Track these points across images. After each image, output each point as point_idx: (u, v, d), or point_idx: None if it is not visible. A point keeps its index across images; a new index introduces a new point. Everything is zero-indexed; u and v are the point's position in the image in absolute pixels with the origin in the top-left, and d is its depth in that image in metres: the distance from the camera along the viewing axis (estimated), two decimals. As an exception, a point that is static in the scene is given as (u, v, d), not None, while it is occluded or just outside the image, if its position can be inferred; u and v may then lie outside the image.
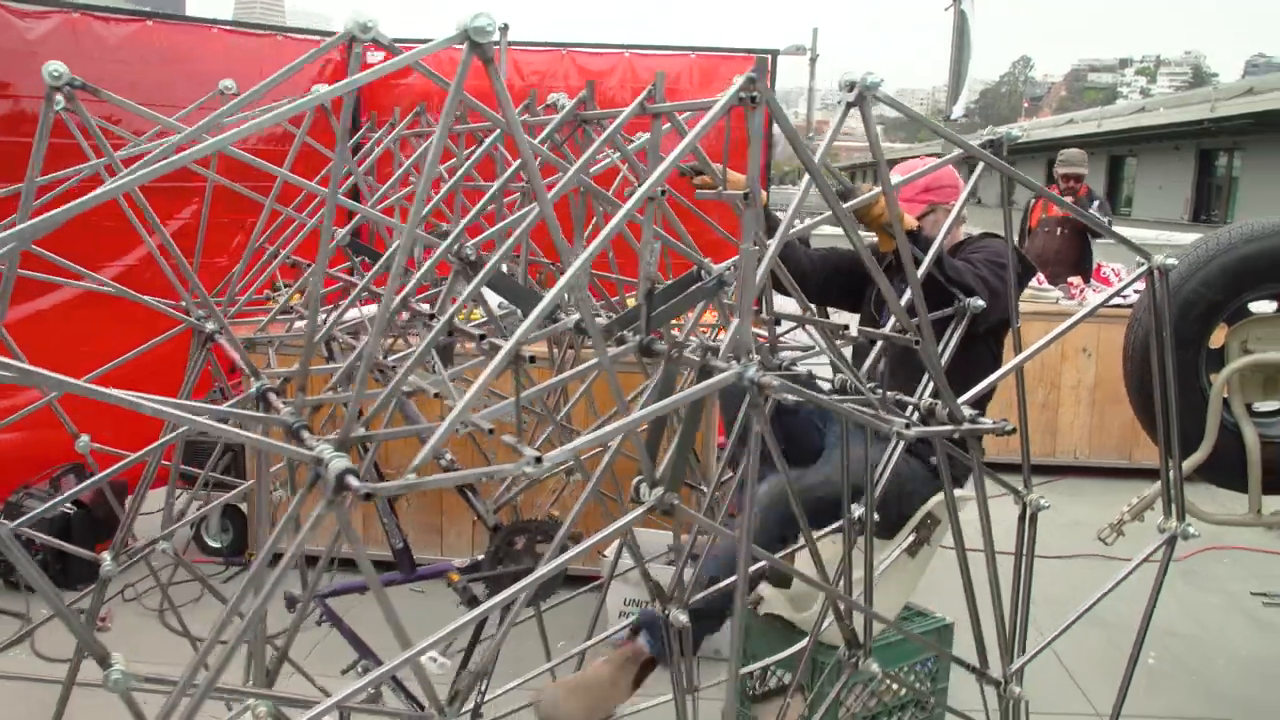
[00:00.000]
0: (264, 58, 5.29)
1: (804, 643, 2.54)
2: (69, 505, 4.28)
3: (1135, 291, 5.73)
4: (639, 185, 2.17)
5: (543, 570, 1.66)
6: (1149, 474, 3.57)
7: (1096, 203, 7.48)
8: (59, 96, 2.03)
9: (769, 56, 5.49)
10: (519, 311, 2.24)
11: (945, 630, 3.21)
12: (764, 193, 2.79)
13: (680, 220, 2.23)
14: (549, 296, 1.53)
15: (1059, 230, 7.26)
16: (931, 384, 2.06)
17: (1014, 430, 2.05)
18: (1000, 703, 2.22)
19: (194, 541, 4.78)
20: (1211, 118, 27.25)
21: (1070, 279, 6.67)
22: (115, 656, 1.60)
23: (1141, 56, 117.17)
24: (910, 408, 2.05)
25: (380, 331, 1.55)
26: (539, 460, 1.44)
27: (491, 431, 1.56)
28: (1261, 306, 3.43)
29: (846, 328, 2.27)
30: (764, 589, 3.04)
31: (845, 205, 2.08)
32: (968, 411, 2.00)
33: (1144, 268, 2.28)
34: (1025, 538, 2.27)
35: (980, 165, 2.16)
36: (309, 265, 3.07)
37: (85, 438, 3.30)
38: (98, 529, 4.39)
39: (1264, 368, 3.31)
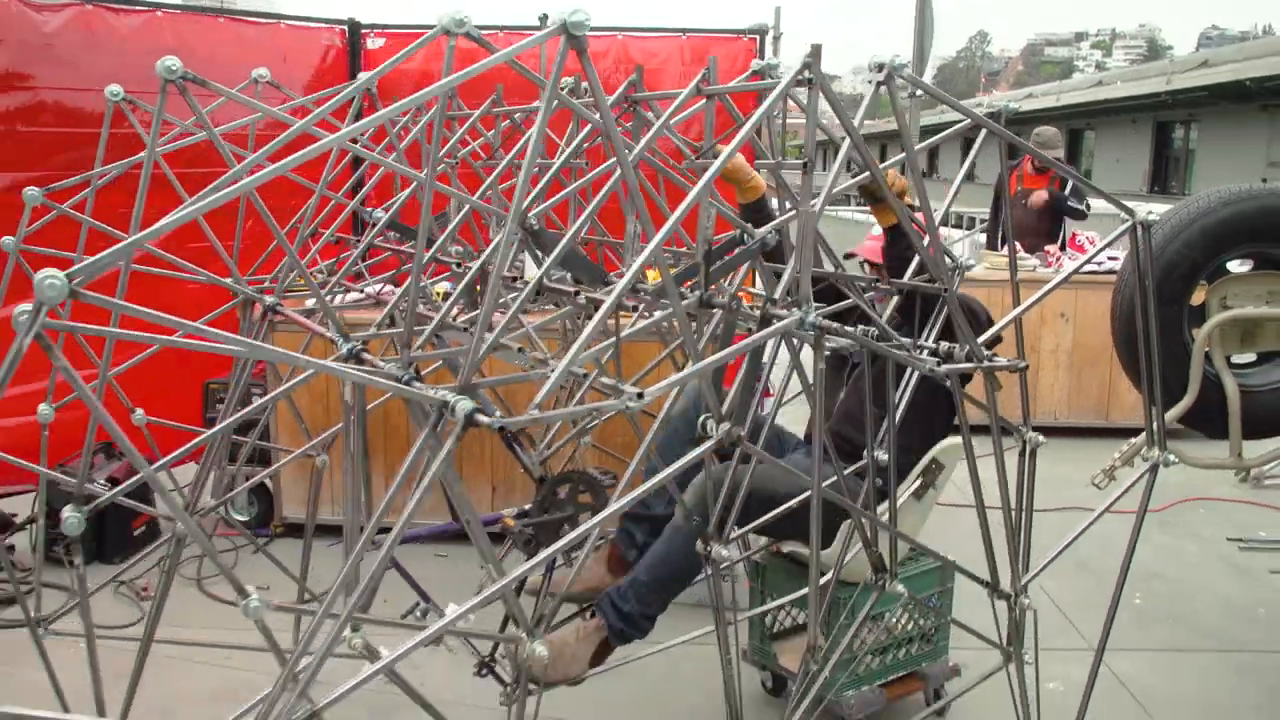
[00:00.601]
0: (264, 46, 5.42)
1: (829, 576, 2.77)
2: (104, 482, 4.42)
3: (1111, 258, 6.02)
4: (695, 159, 2.39)
5: (619, 503, 1.88)
6: (1126, 432, 3.84)
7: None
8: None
9: (758, 36, 5.69)
10: (568, 275, 2.43)
11: (935, 573, 3.43)
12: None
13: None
14: (644, 253, 1.74)
15: (1027, 203, 7.51)
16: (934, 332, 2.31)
17: (1027, 366, 2.29)
18: (1009, 615, 2.48)
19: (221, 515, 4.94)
20: (1168, 90, 27.70)
21: (1046, 248, 6.94)
22: (249, 589, 1.81)
23: (1097, 30, 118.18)
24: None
25: (494, 295, 1.75)
26: (640, 396, 1.66)
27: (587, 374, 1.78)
28: (1238, 266, 3.68)
29: (877, 281, 2.49)
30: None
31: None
32: (984, 351, 2.25)
33: (1128, 224, 2.53)
34: (1026, 470, 2.53)
35: (980, 138, 2.40)
36: (353, 240, 3.25)
37: (140, 411, 3.47)
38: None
39: (1241, 322, 3.57)
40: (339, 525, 3.61)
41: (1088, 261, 2.69)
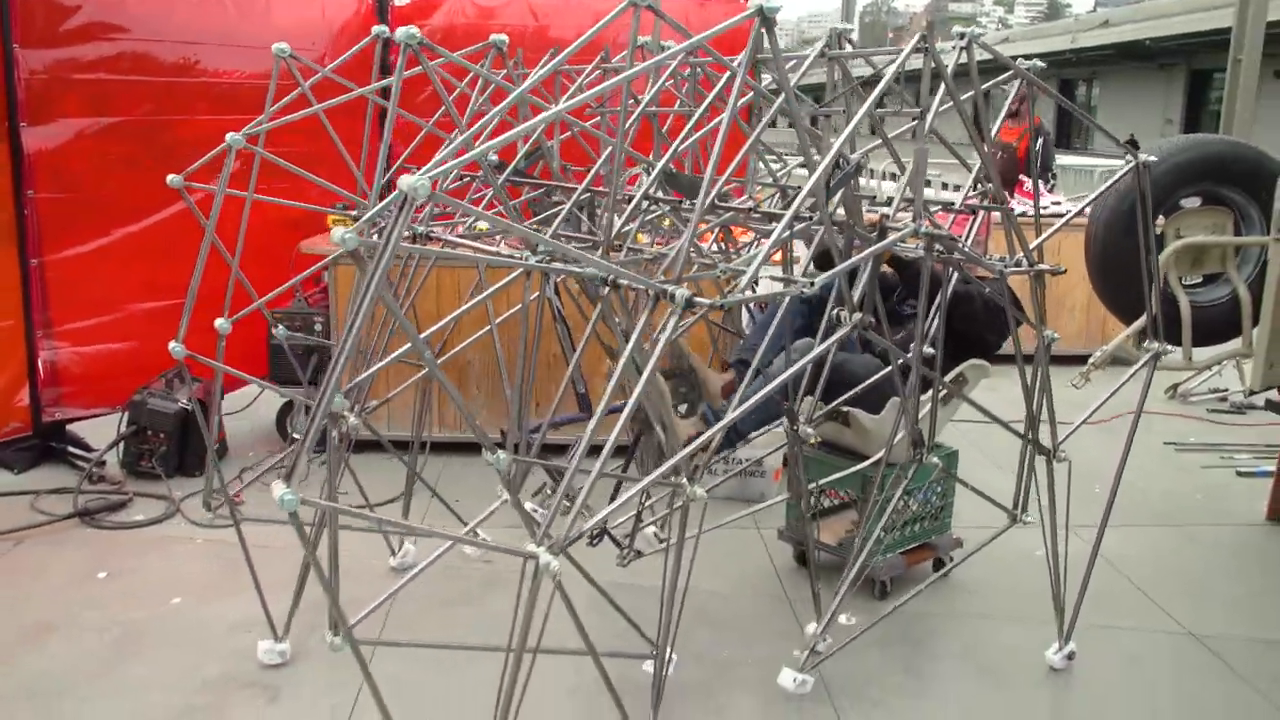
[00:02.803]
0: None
1: (879, 454, 3.40)
2: (186, 402, 4.87)
3: (1073, 201, 6.76)
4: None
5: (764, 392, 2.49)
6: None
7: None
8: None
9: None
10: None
11: (953, 455, 4.07)
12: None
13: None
14: (812, 179, 2.34)
15: (1000, 154, 8.25)
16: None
17: (1065, 270, 2.98)
18: (1049, 465, 3.17)
19: (278, 432, 5.42)
20: (1073, 49, 28.90)
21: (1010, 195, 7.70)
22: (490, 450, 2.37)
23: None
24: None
25: (698, 218, 2.33)
26: (812, 284, 2.27)
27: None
28: (1189, 202, 4.41)
29: (952, 204, 3.12)
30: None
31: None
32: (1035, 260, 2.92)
33: (1131, 164, 3.21)
34: (1045, 359, 3.21)
35: (1019, 83, 3.04)
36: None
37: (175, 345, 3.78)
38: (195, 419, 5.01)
39: (1192, 249, 4.30)
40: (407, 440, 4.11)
41: (1095, 198, 3.37)
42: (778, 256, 3.59)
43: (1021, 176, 8.12)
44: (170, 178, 3.08)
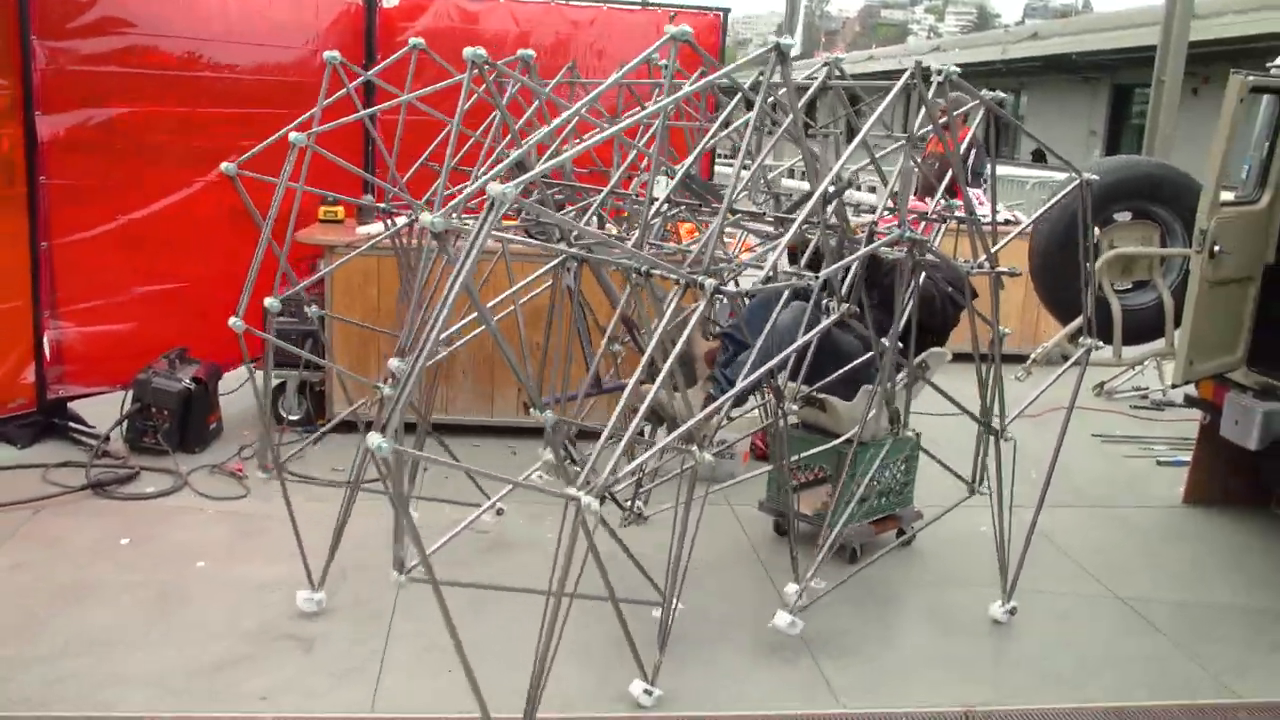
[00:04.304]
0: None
1: (853, 431, 3.82)
2: (190, 381, 5.12)
3: (1012, 209, 7.27)
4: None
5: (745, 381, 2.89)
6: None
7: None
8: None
9: (721, 14, 6.71)
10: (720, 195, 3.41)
11: (917, 436, 4.50)
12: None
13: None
14: (815, 194, 2.74)
15: (935, 164, 8.73)
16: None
17: (1020, 273, 3.44)
18: (997, 444, 3.62)
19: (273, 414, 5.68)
20: (1003, 59, 29.75)
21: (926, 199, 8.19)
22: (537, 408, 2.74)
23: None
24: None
25: (723, 216, 2.72)
26: (816, 276, 2.66)
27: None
28: (1121, 217, 4.91)
29: (926, 214, 3.54)
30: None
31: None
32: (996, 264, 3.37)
33: (1075, 182, 3.67)
34: (999, 352, 3.66)
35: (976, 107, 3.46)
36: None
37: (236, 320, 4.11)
38: (208, 401, 5.26)
39: (1123, 258, 4.80)
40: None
41: (1045, 211, 3.86)
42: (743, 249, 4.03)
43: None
44: (224, 166, 3.34)
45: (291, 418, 5.61)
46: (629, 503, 3.74)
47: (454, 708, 3.14)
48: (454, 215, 2.29)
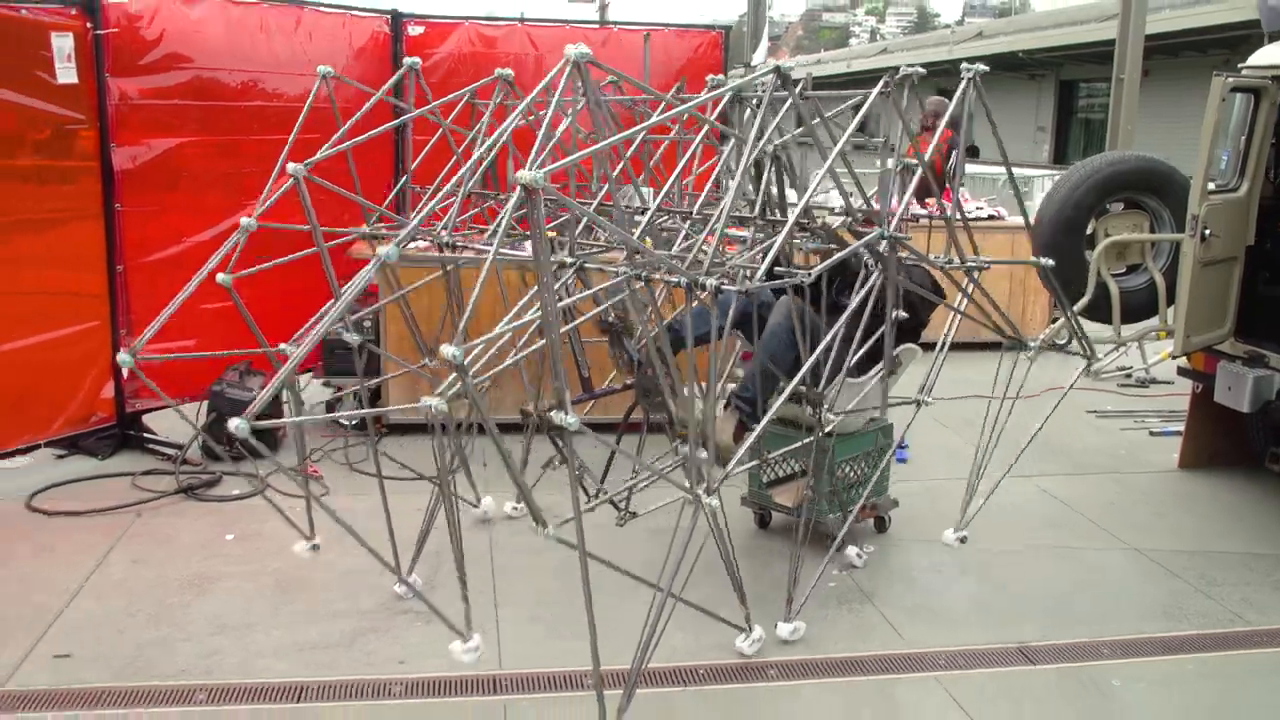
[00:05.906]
0: (326, 30, 6.37)
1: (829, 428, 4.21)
2: (252, 390, 5.45)
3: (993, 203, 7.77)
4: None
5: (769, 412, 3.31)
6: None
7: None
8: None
9: (723, 32, 7.15)
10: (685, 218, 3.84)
11: (889, 428, 4.78)
12: None
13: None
14: (802, 201, 3.17)
15: (932, 165, 9.23)
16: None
17: (989, 266, 3.93)
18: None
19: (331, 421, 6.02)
20: (950, 59, 30.49)
21: (927, 200, 8.67)
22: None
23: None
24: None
25: (724, 222, 3.14)
26: (809, 275, 3.11)
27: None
28: (1114, 207, 5.40)
29: (917, 216, 3.99)
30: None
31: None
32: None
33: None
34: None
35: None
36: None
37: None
38: (275, 410, 5.58)
39: (1116, 245, 5.28)
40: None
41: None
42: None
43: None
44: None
45: (346, 424, 5.94)
46: (623, 503, 4.08)
47: (573, 664, 3.53)
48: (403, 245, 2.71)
